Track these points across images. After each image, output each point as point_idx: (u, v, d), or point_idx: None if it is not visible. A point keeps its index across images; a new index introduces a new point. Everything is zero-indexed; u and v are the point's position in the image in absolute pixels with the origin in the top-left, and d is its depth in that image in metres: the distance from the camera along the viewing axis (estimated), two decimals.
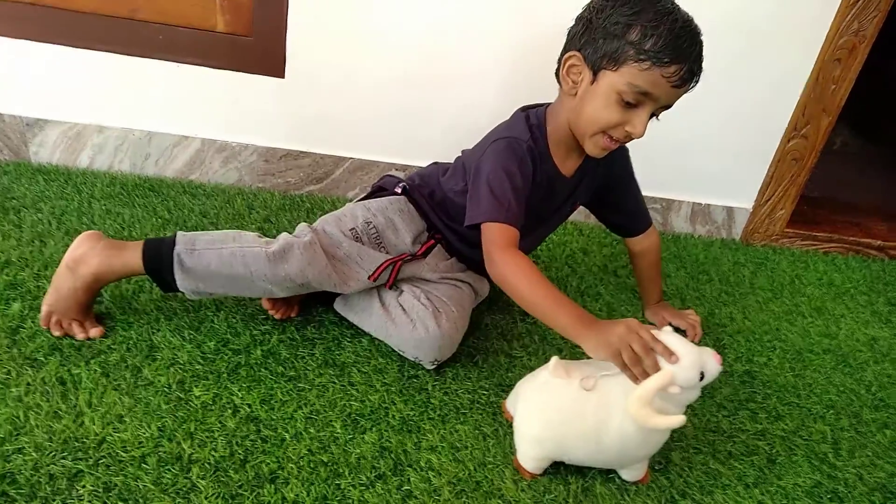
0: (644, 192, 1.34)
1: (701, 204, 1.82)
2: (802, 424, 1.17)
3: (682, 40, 0.99)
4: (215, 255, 1.05)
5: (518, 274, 0.99)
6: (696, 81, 1.04)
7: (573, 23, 1.08)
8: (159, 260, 1.05)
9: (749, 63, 1.62)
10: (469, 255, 1.22)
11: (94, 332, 1.07)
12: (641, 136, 1.05)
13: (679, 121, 1.34)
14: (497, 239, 1.03)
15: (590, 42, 1.03)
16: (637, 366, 0.86)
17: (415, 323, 1.11)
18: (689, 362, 0.86)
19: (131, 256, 1.06)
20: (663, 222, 1.84)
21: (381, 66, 1.57)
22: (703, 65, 1.03)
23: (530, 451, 0.95)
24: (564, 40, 1.10)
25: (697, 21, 1.03)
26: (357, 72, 1.57)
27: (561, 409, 0.92)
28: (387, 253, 1.17)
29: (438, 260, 1.22)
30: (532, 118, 1.15)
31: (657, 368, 0.85)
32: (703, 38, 1.02)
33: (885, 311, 1.60)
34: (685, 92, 1.04)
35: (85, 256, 1.05)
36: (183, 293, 1.08)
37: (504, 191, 1.05)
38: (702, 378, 0.87)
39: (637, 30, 0.98)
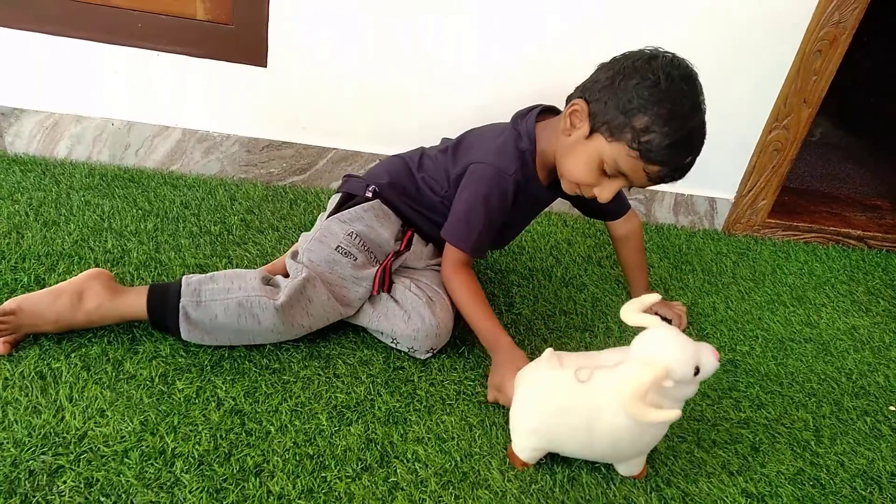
0: None
1: (684, 195, 1.83)
2: (785, 412, 1.18)
3: (677, 149, 1.01)
4: (222, 307, 1.03)
5: (462, 288, 1.13)
6: (676, 181, 1.07)
7: (605, 64, 1.07)
8: (163, 312, 1.04)
9: (731, 54, 1.63)
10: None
11: (5, 348, 0.99)
12: (606, 202, 1.10)
13: None
14: (455, 260, 1.15)
15: (602, 101, 1.03)
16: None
17: (409, 314, 1.12)
18: (684, 357, 0.84)
19: (134, 302, 1.04)
20: (646, 213, 1.84)
21: (366, 55, 1.55)
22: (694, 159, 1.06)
23: (525, 442, 0.95)
24: (579, 86, 1.10)
25: (680, 11, 1.03)
26: (340, 61, 1.56)
27: (554, 401, 0.91)
28: (376, 260, 1.17)
29: (421, 247, 1.24)
30: (523, 140, 1.14)
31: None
32: (702, 148, 1.05)
33: (865, 301, 1.62)
34: (661, 184, 1.08)
35: (88, 294, 1.02)
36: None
37: (478, 221, 1.12)
38: (696, 373, 0.86)
39: (645, 120, 0.99)
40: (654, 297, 0.90)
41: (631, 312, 0.89)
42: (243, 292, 1.05)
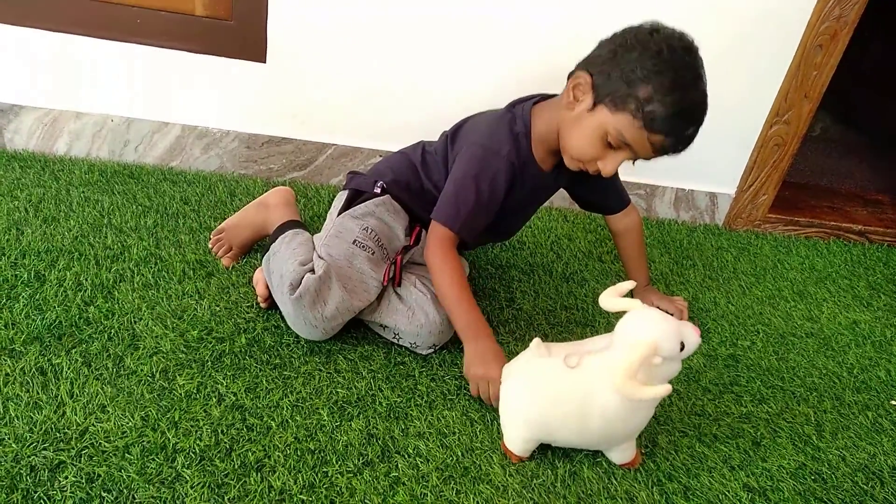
0: (628, 179, 1.35)
1: (684, 190, 1.83)
2: (786, 407, 1.18)
3: (680, 119, 1.01)
4: (277, 273, 1.12)
5: (445, 268, 1.09)
6: (679, 153, 1.07)
7: (606, 39, 1.07)
8: (271, 244, 1.20)
9: (732, 49, 1.62)
10: None
11: (228, 261, 1.28)
12: (610, 175, 1.09)
13: None
14: (442, 237, 1.11)
15: (605, 73, 1.03)
16: (478, 395, 1.04)
17: (413, 310, 1.12)
18: (669, 332, 0.86)
19: (272, 226, 1.25)
20: (647, 208, 1.84)
21: (365, 51, 1.55)
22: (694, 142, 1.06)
23: (517, 433, 0.95)
24: (580, 59, 1.09)
25: (681, 6, 1.03)
26: (340, 56, 1.55)
27: (545, 389, 0.92)
28: (387, 256, 1.17)
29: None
30: (518, 123, 1.14)
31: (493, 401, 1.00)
32: (705, 119, 1.05)
33: (866, 295, 1.62)
34: (665, 155, 1.07)
35: (270, 209, 1.28)
36: None
37: (467, 202, 1.10)
38: (682, 349, 0.88)
39: (648, 89, 0.99)
40: (629, 284, 0.93)
41: (609, 299, 0.91)
42: (286, 266, 1.11)
